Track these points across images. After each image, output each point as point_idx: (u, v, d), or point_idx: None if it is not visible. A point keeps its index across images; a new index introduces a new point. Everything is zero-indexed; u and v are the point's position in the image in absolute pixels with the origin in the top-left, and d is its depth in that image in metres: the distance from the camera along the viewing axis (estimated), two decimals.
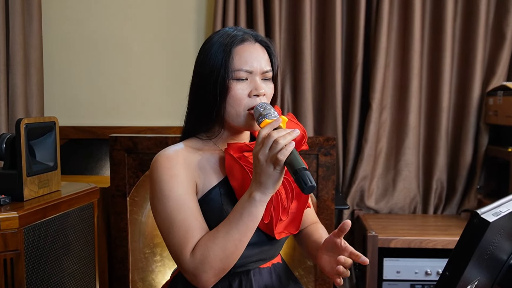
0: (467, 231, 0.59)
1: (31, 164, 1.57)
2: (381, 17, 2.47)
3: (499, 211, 0.60)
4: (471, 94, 2.51)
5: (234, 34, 1.20)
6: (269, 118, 1.10)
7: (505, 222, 0.62)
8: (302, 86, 2.54)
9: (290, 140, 1.03)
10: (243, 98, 1.16)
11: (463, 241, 0.59)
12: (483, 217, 0.58)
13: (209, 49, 1.20)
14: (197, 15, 2.71)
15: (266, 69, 1.20)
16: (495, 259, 0.69)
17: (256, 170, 1.06)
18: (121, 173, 2.09)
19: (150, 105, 2.74)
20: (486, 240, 0.59)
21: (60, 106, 2.75)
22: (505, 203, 0.64)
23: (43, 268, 1.55)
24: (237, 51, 1.17)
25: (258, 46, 1.21)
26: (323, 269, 1.21)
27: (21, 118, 1.52)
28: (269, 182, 1.05)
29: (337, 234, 1.16)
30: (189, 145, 1.23)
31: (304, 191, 0.99)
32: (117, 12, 2.72)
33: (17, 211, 1.43)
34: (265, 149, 1.03)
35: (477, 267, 0.62)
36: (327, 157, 2.08)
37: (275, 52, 1.24)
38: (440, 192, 2.60)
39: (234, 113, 1.17)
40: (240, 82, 1.17)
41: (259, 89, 1.17)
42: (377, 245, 2.21)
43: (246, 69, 1.17)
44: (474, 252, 0.58)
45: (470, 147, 2.54)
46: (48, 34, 2.69)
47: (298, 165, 1.00)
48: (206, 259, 1.08)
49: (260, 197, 1.06)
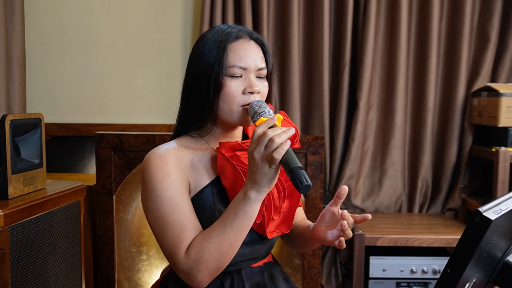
0: (469, 229, 0.59)
1: (16, 162, 1.54)
2: (368, 18, 2.49)
3: (499, 209, 0.61)
4: (456, 95, 2.54)
5: (228, 31, 1.19)
6: (265, 116, 1.09)
7: (504, 220, 0.63)
8: (290, 85, 2.54)
9: (285, 138, 1.02)
10: (237, 95, 1.15)
11: (465, 239, 0.60)
12: (485, 215, 0.58)
13: (203, 46, 1.18)
14: (184, 13, 2.68)
15: (261, 66, 1.19)
16: (491, 257, 0.70)
17: (251, 168, 1.05)
18: (107, 171, 2.06)
19: (135, 102, 2.71)
20: (487, 238, 0.59)
21: (43, 103, 2.69)
22: (505, 201, 0.65)
23: (29, 268, 1.52)
24: (231, 48, 1.16)
25: (253, 43, 1.20)
26: (323, 240, 1.17)
27: (6, 114, 1.48)
28: (264, 181, 1.04)
29: (334, 203, 1.15)
30: (181, 143, 1.21)
31: (300, 190, 0.99)
32: (103, 8, 2.67)
33: (1, 210, 1.39)
34: (261, 147, 1.02)
35: (476, 265, 0.62)
36: (316, 156, 2.08)
37: (270, 50, 1.23)
38: (425, 191, 2.63)
39: (228, 110, 1.16)
40: (234, 79, 1.16)
41: (254, 86, 1.16)
42: (364, 243, 2.22)
43: (240, 65, 1.16)
44: (475, 250, 0.58)
45: (455, 146, 2.57)
46: (31, 29, 2.64)
47: (293, 164, 1.00)
48: (201, 258, 1.07)
49: (255, 196, 1.05)
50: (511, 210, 0.64)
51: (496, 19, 2.51)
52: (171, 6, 2.68)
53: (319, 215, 1.20)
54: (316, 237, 1.20)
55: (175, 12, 2.68)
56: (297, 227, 1.33)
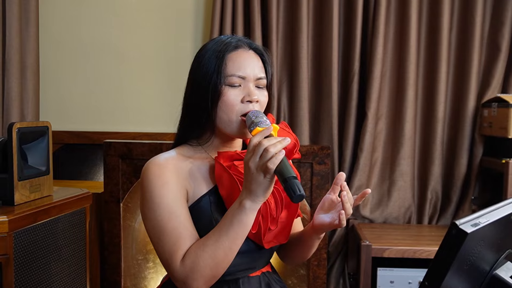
0: (446, 241, 0.59)
1: (22, 169, 1.57)
2: (377, 27, 2.49)
3: (478, 222, 0.60)
4: (466, 105, 2.51)
5: (228, 41, 1.20)
6: (261, 126, 1.10)
7: (485, 233, 0.62)
8: (299, 95, 2.55)
9: (280, 148, 1.02)
10: (235, 104, 1.16)
11: (441, 251, 0.59)
12: (461, 227, 0.58)
13: (202, 56, 1.20)
14: (195, 23, 2.72)
15: (260, 75, 1.19)
16: (476, 269, 0.69)
17: (247, 178, 1.05)
18: (115, 179, 2.09)
19: (146, 111, 2.75)
20: (465, 250, 0.59)
21: (55, 111, 2.74)
22: (485, 214, 0.64)
23: (33, 273, 1.54)
24: (230, 57, 1.17)
25: (252, 53, 1.21)
26: (323, 224, 1.18)
27: (13, 122, 1.52)
28: (259, 190, 1.05)
29: (332, 190, 1.15)
30: (180, 152, 1.22)
31: (293, 200, 0.99)
32: (115, 18, 2.72)
33: (6, 215, 1.42)
34: (256, 157, 1.03)
35: (457, 277, 0.62)
36: (322, 166, 2.08)
37: (269, 60, 1.24)
38: (435, 202, 2.60)
39: (227, 119, 1.17)
40: (233, 88, 1.17)
41: (252, 95, 1.16)
42: (371, 254, 2.20)
43: (239, 74, 1.17)
44: (452, 262, 0.58)
45: (465, 158, 2.54)
46: (44, 38, 2.70)
47: (287, 174, 1.00)
48: (196, 267, 1.07)
49: (250, 205, 1.06)
50: (492, 223, 0.63)
51: (507, 29, 2.49)
52: (182, 17, 2.71)
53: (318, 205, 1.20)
54: (316, 225, 1.20)
55: (186, 23, 2.71)
56: (293, 234, 1.33)
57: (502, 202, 0.71)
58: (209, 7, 2.68)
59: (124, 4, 2.73)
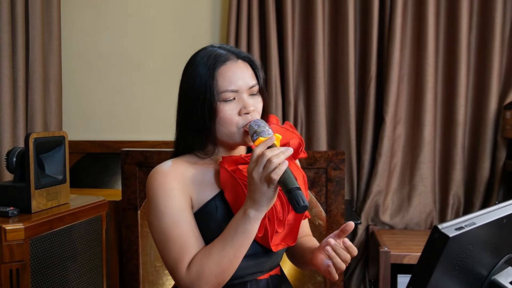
0: (428, 245, 0.58)
1: (39, 177, 1.62)
2: (394, 31, 2.46)
3: (462, 226, 0.59)
4: (488, 108, 2.45)
5: (216, 54, 1.19)
6: (263, 136, 1.10)
7: (473, 237, 0.61)
8: (316, 100, 2.54)
9: (283, 159, 1.03)
10: (233, 118, 1.16)
11: (424, 255, 0.58)
12: (443, 231, 0.57)
13: (192, 72, 1.20)
14: (212, 32, 2.75)
15: (251, 84, 1.19)
16: (472, 274, 0.68)
17: (251, 187, 1.06)
18: (132, 186, 2.12)
19: (165, 120, 2.78)
20: (450, 254, 0.58)
21: (77, 121, 2.82)
22: (472, 218, 0.62)
23: (49, 279, 1.58)
24: (220, 73, 1.16)
25: (241, 63, 1.20)
26: (319, 268, 1.18)
27: (30, 133, 1.57)
28: (263, 200, 1.06)
29: (338, 235, 1.15)
30: (185, 159, 1.23)
31: (297, 211, 1.00)
32: (132, 28, 2.78)
33: (23, 223, 1.47)
34: (259, 168, 1.04)
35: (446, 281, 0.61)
36: (337, 171, 2.06)
37: (258, 64, 1.23)
38: (457, 208, 2.54)
39: (228, 133, 1.18)
40: (228, 103, 1.16)
41: (248, 107, 1.16)
42: (390, 261, 2.16)
43: (231, 89, 1.16)
44: (435, 266, 0.57)
45: (488, 161, 2.47)
46: (66, 50, 2.78)
47: (291, 185, 1.01)
48: (202, 275, 1.09)
49: (254, 215, 1.07)
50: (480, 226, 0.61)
51: None
52: (198, 26, 2.75)
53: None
54: (314, 264, 1.21)
55: (202, 32, 2.75)
56: (301, 244, 1.33)
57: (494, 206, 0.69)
58: (225, 17, 2.71)
59: (142, 15, 2.79)
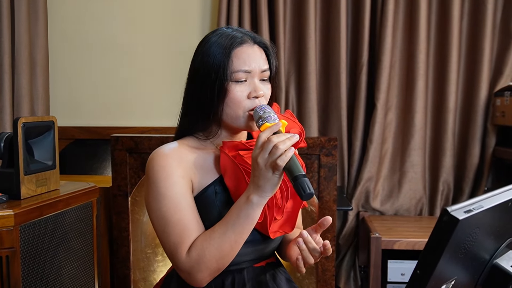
0: (437, 228, 0.57)
1: (29, 163, 1.58)
2: (386, 17, 2.45)
3: (471, 209, 0.58)
4: (478, 95, 2.47)
5: (233, 35, 1.18)
6: (269, 122, 1.09)
7: (480, 220, 0.60)
8: (307, 87, 2.53)
9: (289, 145, 1.02)
10: (242, 100, 1.15)
11: (433, 239, 0.58)
12: (453, 214, 0.56)
13: (207, 51, 1.18)
14: (202, 17, 2.71)
15: (264, 67, 1.18)
16: (475, 258, 0.67)
17: (255, 173, 1.05)
18: (122, 173, 2.10)
19: (153, 106, 2.75)
20: (458, 237, 0.57)
21: (65, 107, 2.77)
22: (479, 201, 0.62)
23: (40, 266, 1.56)
24: (235, 53, 1.15)
25: (257, 47, 1.19)
26: (291, 258, 1.19)
27: (18, 117, 1.53)
28: (267, 186, 1.05)
29: (314, 229, 1.13)
30: (185, 143, 1.22)
31: (303, 198, 0.99)
32: (121, 13, 2.73)
33: (12, 209, 1.44)
34: (265, 153, 1.03)
35: (452, 265, 0.60)
36: (329, 157, 2.06)
37: (273, 53, 1.22)
38: (447, 194, 2.56)
39: (234, 115, 1.16)
40: (239, 84, 1.16)
41: (258, 90, 1.15)
42: (380, 246, 2.18)
43: (245, 69, 1.15)
44: (444, 249, 0.56)
45: (477, 148, 2.49)
46: (53, 34, 2.72)
47: (297, 172, 1.01)
48: (202, 259, 1.08)
49: (257, 200, 1.06)
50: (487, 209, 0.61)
51: None
52: (188, 12, 2.71)
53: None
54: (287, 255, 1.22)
55: (193, 17, 2.71)
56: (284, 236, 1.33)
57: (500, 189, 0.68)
58: (215, 1, 2.67)
59: (131, 0, 2.73)
